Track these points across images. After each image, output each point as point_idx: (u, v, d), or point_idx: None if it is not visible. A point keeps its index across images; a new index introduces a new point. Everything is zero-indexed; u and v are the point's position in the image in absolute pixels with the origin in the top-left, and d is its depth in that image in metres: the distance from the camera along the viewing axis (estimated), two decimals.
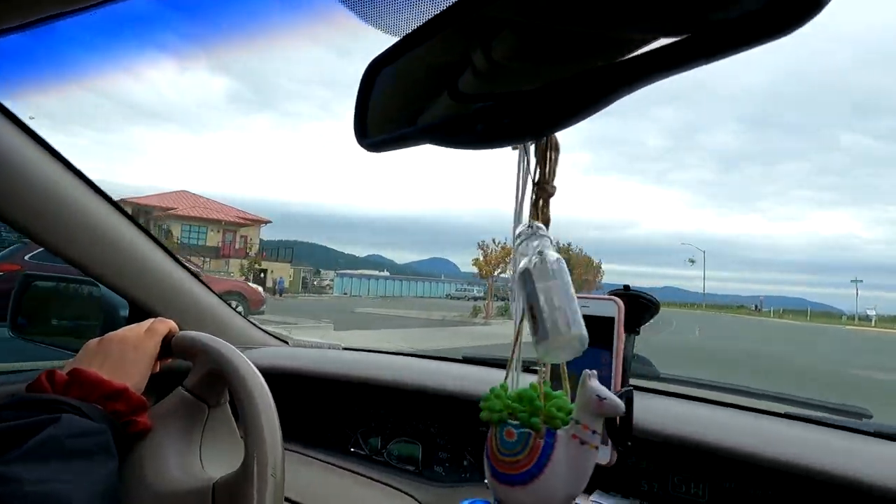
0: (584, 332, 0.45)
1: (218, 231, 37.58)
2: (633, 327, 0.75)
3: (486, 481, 0.53)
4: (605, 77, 0.32)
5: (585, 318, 0.45)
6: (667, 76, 0.29)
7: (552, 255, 0.46)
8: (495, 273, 26.30)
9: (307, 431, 1.22)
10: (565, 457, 0.49)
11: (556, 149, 0.48)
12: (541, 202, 0.49)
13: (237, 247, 37.46)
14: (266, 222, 42.22)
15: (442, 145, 0.41)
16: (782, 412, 0.87)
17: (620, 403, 0.49)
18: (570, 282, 0.46)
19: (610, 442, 0.64)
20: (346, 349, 1.41)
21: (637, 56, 0.31)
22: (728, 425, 0.81)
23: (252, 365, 0.59)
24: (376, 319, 19.14)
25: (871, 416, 0.88)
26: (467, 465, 1.03)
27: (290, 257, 40.16)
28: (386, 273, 64.28)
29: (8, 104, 0.84)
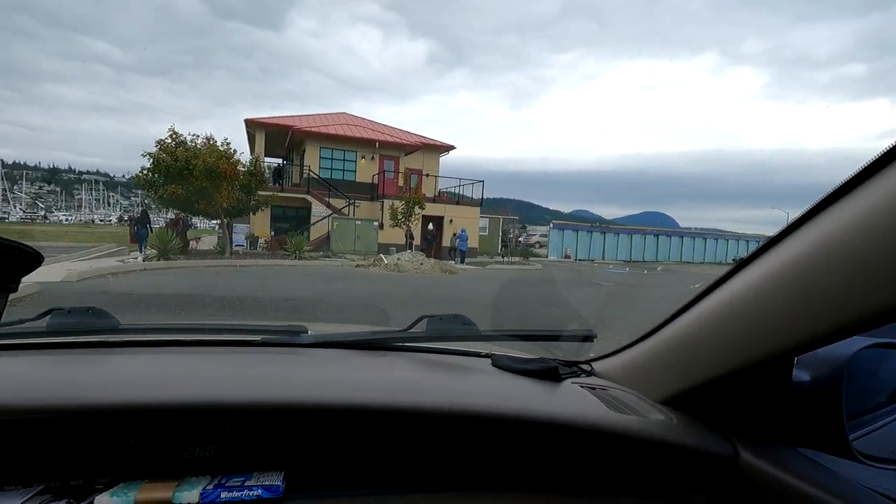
0: None
1: (372, 158, 24.57)
2: (6, 284, 0.72)
3: None
4: None
5: None
6: None
7: None
8: None
9: None
10: None
11: None
12: None
13: (400, 183, 24.01)
14: (448, 148, 27.96)
15: None
16: (251, 340, 1.02)
17: None
18: None
19: None
20: None
21: None
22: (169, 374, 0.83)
23: None
24: None
25: (306, 331, 1.05)
26: None
27: (479, 200, 25.26)
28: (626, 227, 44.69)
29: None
